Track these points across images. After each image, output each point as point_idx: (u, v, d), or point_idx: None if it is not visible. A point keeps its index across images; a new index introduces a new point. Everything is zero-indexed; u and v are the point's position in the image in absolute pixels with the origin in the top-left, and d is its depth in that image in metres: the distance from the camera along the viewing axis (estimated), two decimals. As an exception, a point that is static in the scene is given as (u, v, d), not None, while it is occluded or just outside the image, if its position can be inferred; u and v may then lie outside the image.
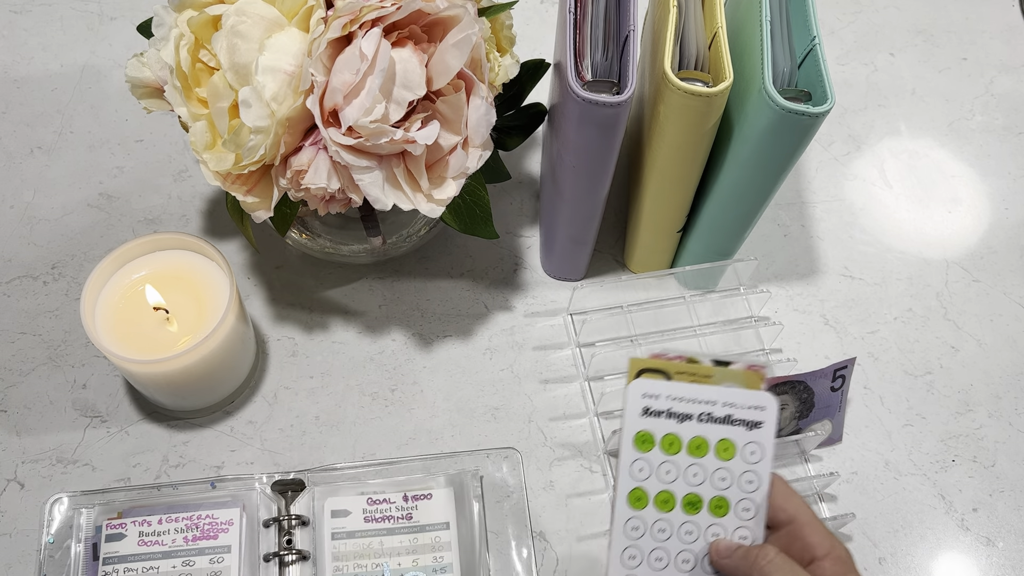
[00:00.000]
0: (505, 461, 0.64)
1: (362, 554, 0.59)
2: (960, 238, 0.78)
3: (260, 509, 0.60)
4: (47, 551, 0.58)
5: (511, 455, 0.64)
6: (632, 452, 0.48)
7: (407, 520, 0.60)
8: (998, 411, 0.69)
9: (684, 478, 0.48)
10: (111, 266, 0.61)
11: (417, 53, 0.53)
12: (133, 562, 0.57)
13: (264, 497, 0.61)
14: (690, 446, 0.48)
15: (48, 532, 0.59)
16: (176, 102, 0.54)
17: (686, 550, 0.48)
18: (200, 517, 0.59)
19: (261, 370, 0.68)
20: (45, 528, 0.59)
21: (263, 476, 0.62)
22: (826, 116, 0.54)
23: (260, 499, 0.61)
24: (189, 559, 0.58)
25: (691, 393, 0.49)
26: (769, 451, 0.48)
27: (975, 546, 0.64)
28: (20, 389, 0.66)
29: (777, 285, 0.74)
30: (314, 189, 0.54)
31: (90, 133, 0.78)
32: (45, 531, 0.59)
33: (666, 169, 0.62)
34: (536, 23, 0.88)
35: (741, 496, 0.48)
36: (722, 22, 0.58)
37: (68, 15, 0.85)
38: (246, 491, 0.61)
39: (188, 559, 0.58)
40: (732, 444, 0.48)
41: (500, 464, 0.64)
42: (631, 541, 0.48)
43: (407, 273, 0.72)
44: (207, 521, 0.59)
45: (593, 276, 0.74)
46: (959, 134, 0.84)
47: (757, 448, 0.48)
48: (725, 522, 0.48)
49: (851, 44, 0.89)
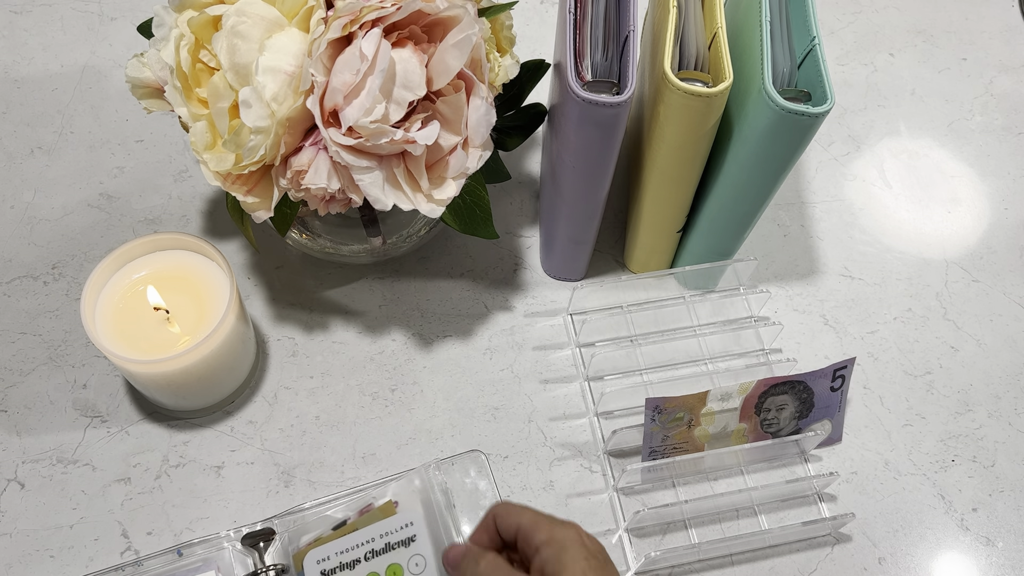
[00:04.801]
0: (472, 465, 0.63)
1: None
2: (960, 238, 0.78)
3: (235, 567, 0.59)
4: None
5: (476, 457, 0.64)
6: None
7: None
8: (998, 411, 0.69)
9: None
10: (111, 266, 0.61)
11: (417, 53, 0.53)
12: None
13: (236, 554, 0.59)
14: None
15: None
16: (176, 102, 0.55)
17: None
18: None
19: (261, 370, 0.68)
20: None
21: (230, 532, 0.60)
22: (826, 116, 0.54)
23: (233, 556, 0.59)
24: None
25: (351, 541, 0.58)
26: (431, 557, 0.57)
27: (975, 546, 0.64)
28: (20, 389, 0.66)
29: (777, 285, 0.74)
30: (314, 189, 0.54)
31: (90, 133, 0.78)
32: None
33: (666, 169, 0.62)
34: (536, 23, 0.88)
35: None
36: (722, 22, 0.58)
37: (68, 15, 0.85)
38: (216, 552, 0.59)
39: None
40: (399, 565, 0.57)
41: (467, 469, 0.63)
42: None
43: (407, 273, 0.72)
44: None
45: (593, 276, 0.74)
46: (959, 134, 0.84)
47: (420, 559, 0.57)
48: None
49: (851, 44, 0.89)
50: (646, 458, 0.63)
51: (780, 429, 0.64)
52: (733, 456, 0.64)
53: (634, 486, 0.64)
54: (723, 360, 0.70)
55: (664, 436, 0.62)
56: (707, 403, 0.61)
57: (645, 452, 0.62)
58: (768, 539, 0.62)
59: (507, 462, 0.65)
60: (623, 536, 0.62)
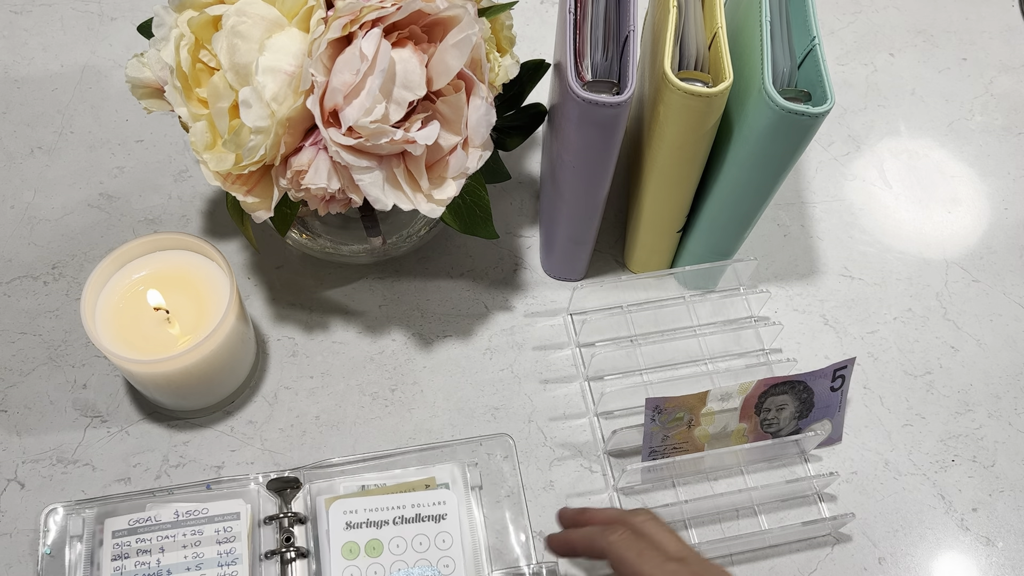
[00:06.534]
0: (499, 448, 0.64)
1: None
2: (960, 238, 0.78)
3: (260, 506, 0.61)
4: (45, 562, 0.58)
5: (504, 442, 0.64)
6: (341, 562, 0.57)
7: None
8: (998, 411, 0.69)
9: (390, 573, 0.58)
10: (111, 266, 0.61)
11: (417, 53, 0.53)
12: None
13: (261, 496, 0.61)
14: (391, 547, 0.58)
15: (45, 543, 0.59)
16: (176, 102, 0.55)
17: None
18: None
19: (261, 370, 0.68)
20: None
21: (259, 475, 0.62)
22: (826, 116, 0.54)
23: (259, 496, 0.61)
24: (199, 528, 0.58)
25: (382, 503, 0.59)
26: (457, 537, 0.58)
27: (975, 546, 0.64)
28: (20, 389, 0.66)
29: (777, 285, 0.74)
30: (314, 189, 0.54)
31: (90, 133, 0.78)
32: (42, 542, 0.59)
33: (666, 169, 0.62)
34: (536, 23, 0.88)
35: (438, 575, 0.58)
36: (722, 22, 0.58)
37: (68, 15, 0.85)
38: (242, 489, 0.61)
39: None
40: (426, 537, 0.58)
41: (494, 452, 0.64)
42: None
43: (407, 273, 0.72)
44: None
45: (593, 276, 0.74)
46: (959, 134, 0.84)
47: (447, 536, 0.58)
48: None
49: (851, 44, 0.89)
50: (646, 458, 0.63)
51: (780, 429, 0.64)
52: (733, 456, 0.64)
53: (634, 486, 0.64)
54: (723, 360, 0.70)
55: (664, 436, 0.62)
56: (707, 403, 0.61)
57: (645, 452, 0.62)
58: (768, 539, 0.62)
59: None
60: (623, 536, 0.62)
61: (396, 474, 0.62)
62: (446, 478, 0.62)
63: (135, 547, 0.57)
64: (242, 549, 0.58)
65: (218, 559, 0.57)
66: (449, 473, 0.62)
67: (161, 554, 0.57)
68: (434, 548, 0.58)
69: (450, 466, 0.62)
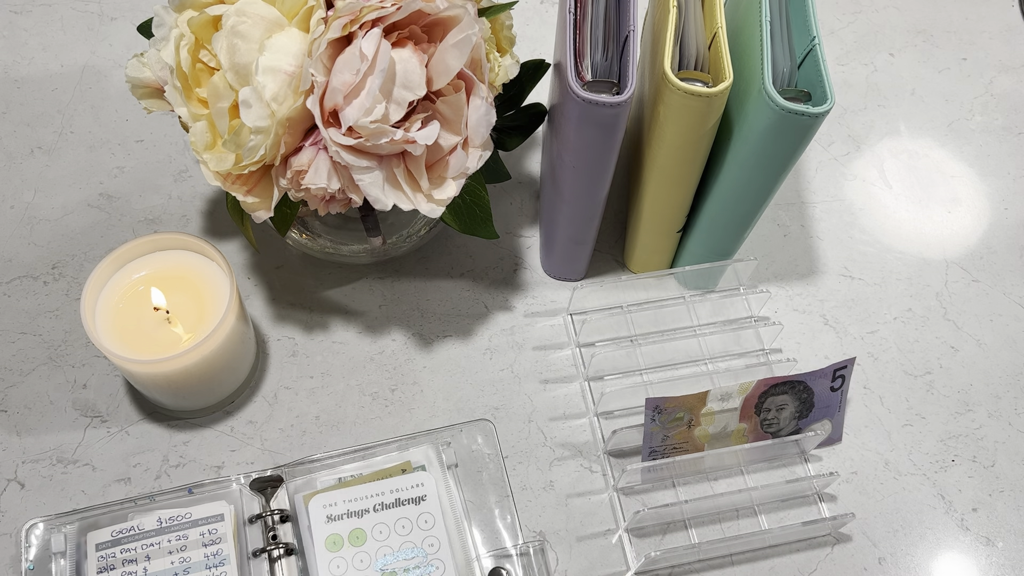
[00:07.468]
0: (479, 432, 0.64)
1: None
2: (960, 238, 0.78)
3: (243, 507, 0.61)
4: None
5: (484, 426, 0.65)
6: (326, 555, 0.58)
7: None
8: (998, 411, 0.69)
9: (376, 560, 0.58)
10: (111, 266, 0.61)
11: (417, 53, 0.53)
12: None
13: (244, 496, 0.61)
14: (374, 533, 0.58)
15: (27, 559, 0.58)
16: (176, 102, 0.55)
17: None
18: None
19: (261, 370, 0.68)
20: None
21: (240, 476, 0.62)
22: (826, 116, 0.54)
23: (242, 497, 0.61)
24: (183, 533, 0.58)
25: (359, 492, 0.59)
26: (439, 516, 0.59)
27: (975, 546, 0.64)
28: (20, 389, 0.66)
29: (777, 285, 0.74)
30: (314, 189, 0.54)
31: (90, 133, 0.78)
32: (24, 559, 0.58)
33: (666, 169, 0.62)
34: (536, 23, 0.88)
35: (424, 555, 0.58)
36: (722, 22, 0.58)
37: (68, 15, 0.85)
38: (225, 491, 0.61)
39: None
40: (409, 520, 0.59)
41: (475, 436, 0.64)
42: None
43: (407, 273, 0.72)
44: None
45: (593, 276, 0.74)
46: (959, 134, 0.84)
47: (429, 516, 0.59)
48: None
49: (851, 44, 0.89)
50: (646, 458, 0.63)
51: (780, 429, 0.64)
52: (733, 456, 0.64)
53: (634, 486, 0.64)
54: (723, 360, 0.70)
55: (664, 436, 0.62)
56: (707, 403, 0.61)
57: (645, 452, 0.62)
58: (768, 539, 0.62)
59: (507, 462, 0.65)
60: (623, 536, 0.62)
61: (373, 463, 0.62)
62: (421, 460, 0.62)
63: (120, 558, 0.57)
64: (229, 550, 0.58)
65: (206, 561, 0.57)
66: (424, 455, 0.62)
67: (147, 562, 0.57)
68: (417, 529, 0.59)
69: (424, 448, 0.63)
